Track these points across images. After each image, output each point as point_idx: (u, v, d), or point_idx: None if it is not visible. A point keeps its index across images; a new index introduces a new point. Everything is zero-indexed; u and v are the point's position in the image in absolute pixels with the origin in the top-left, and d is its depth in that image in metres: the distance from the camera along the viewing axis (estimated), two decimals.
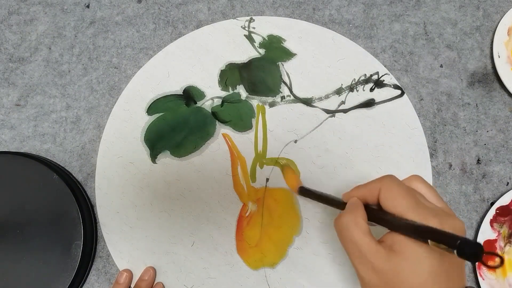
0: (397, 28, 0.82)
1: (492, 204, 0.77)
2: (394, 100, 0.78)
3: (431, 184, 0.77)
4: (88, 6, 0.83)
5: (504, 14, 0.80)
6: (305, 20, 0.82)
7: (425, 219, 0.49)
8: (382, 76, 0.79)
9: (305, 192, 0.72)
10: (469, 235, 0.77)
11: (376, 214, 0.55)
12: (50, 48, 0.82)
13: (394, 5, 0.83)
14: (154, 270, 0.76)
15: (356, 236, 0.52)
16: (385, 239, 0.52)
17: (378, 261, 0.50)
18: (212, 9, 0.83)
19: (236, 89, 0.79)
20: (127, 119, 0.79)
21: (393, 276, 0.48)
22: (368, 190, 0.56)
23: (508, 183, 0.78)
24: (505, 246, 0.76)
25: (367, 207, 0.56)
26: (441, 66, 0.81)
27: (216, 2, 0.83)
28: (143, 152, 0.78)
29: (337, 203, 0.62)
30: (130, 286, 0.75)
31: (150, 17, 0.83)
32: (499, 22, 0.80)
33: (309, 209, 0.76)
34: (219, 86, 0.79)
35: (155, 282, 0.75)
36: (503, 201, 0.76)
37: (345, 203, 0.58)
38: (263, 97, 0.79)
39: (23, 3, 0.83)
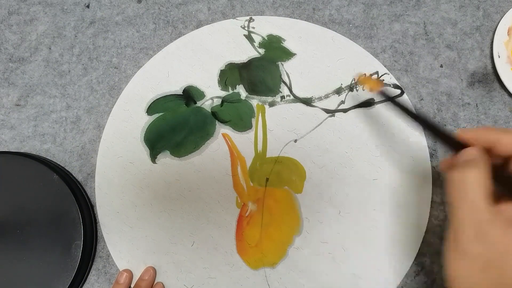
0: (397, 28, 0.82)
1: None
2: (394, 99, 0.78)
3: (431, 184, 0.77)
4: (88, 6, 0.83)
5: (504, 14, 0.80)
6: (305, 20, 0.82)
7: None
8: (382, 75, 0.79)
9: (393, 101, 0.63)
10: None
11: (504, 175, 0.49)
12: (50, 48, 0.82)
13: (394, 5, 0.83)
14: (154, 270, 0.75)
15: (476, 196, 0.45)
16: (505, 210, 0.47)
17: (496, 231, 0.44)
18: (212, 9, 0.83)
19: (235, 89, 0.79)
20: (127, 119, 0.79)
21: (503, 254, 0.43)
22: (508, 139, 0.48)
23: None
24: None
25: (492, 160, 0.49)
26: (441, 66, 0.81)
27: (216, 2, 0.83)
28: (143, 152, 0.78)
29: (444, 136, 0.55)
30: (130, 286, 0.75)
31: (150, 17, 0.83)
32: (499, 22, 0.80)
33: (309, 209, 0.76)
34: (219, 86, 0.79)
35: (155, 282, 0.75)
36: None
37: (456, 142, 0.52)
38: (263, 97, 0.79)
39: (23, 3, 0.83)
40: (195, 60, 0.80)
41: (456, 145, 0.52)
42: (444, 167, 0.54)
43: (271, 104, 0.79)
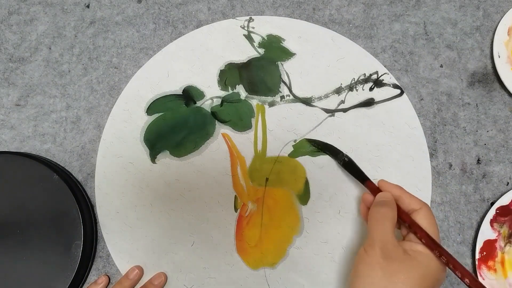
0: (397, 28, 0.82)
1: (492, 204, 0.77)
2: (394, 99, 0.78)
3: (431, 184, 0.77)
4: (88, 6, 0.83)
5: (504, 14, 0.80)
6: (305, 20, 0.82)
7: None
8: (382, 75, 0.79)
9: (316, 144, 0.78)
10: (469, 235, 0.77)
11: (404, 217, 0.64)
12: (50, 48, 0.82)
13: (394, 5, 0.83)
14: (166, 277, 0.76)
15: (388, 226, 0.61)
16: (402, 244, 0.61)
17: (397, 252, 0.59)
18: (212, 9, 0.83)
19: (235, 88, 0.79)
20: (127, 119, 0.79)
21: (399, 272, 0.57)
22: (408, 200, 0.65)
23: (508, 183, 0.78)
24: (505, 246, 0.75)
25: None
26: (441, 66, 0.81)
27: (216, 2, 0.83)
28: (143, 152, 0.78)
29: (361, 177, 0.73)
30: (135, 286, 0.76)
31: (150, 17, 0.83)
32: (499, 22, 0.80)
33: (309, 209, 0.76)
34: (219, 86, 0.79)
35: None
36: (503, 201, 0.75)
37: (373, 185, 0.71)
38: (263, 97, 0.79)
39: (23, 3, 0.83)
40: (195, 60, 0.80)
41: (375, 190, 0.70)
42: (365, 200, 0.71)
43: (271, 104, 0.79)
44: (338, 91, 0.79)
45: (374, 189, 0.70)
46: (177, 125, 0.78)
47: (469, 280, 0.56)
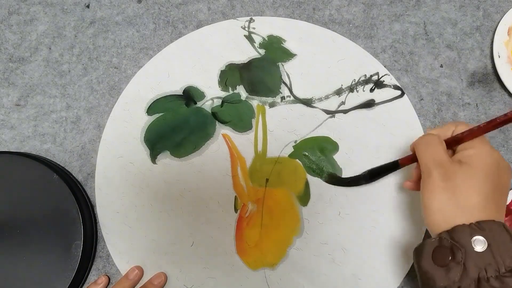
0: (397, 28, 0.82)
1: None
2: (394, 100, 0.78)
3: None
4: (88, 6, 0.83)
5: (504, 14, 0.80)
6: (305, 20, 0.82)
7: None
8: (382, 76, 0.79)
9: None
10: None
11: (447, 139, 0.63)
12: (50, 48, 0.82)
13: (394, 5, 0.83)
14: (166, 277, 0.76)
15: (438, 147, 0.61)
16: (455, 157, 0.61)
17: (454, 167, 0.58)
18: (212, 9, 0.83)
19: (236, 89, 0.79)
20: (127, 119, 0.79)
21: (463, 185, 0.57)
22: (444, 129, 0.64)
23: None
24: None
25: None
26: (441, 66, 0.81)
27: (216, 2, 0.83)
28: (143, 152, 0.78)
29: (392, 166, 0.72)
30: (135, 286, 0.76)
31: (150, 17, 0.83)
32: (499, 22, 0.80)
33: (309, 210, 0.76)
34: (219, 87, 0.79)
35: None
36: None
37: (405, 158, 0.69)
38: (263, 98, 0.79)
39: (23, 3, 0.83)
40: (195, 61, 0.80)
41: (412, 159, 0.68)
42: (408, 185, 0.69)
43: (271, 105, 0.79)
44: (338, 92, 0.79)
45: (411, 159, 0.68)
46: (177, 126, 0.78)
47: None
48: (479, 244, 0.52)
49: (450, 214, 0.56)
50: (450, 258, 0.54)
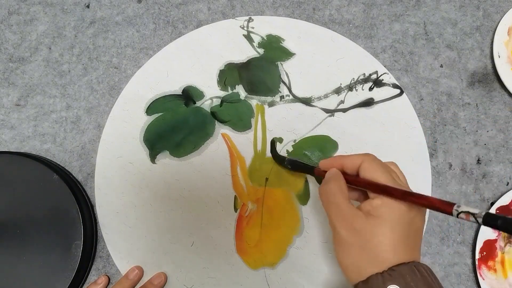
0: (397, 28, 0.82)
1: (492, 204, 0.77)
2: (393, 99, 0.78)
3: (430, 184, 0.77)
4: (88, 6, 0.83)
5: (504, 14, 0.80)
6: (305, 20, 0.82)
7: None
8: (381, 75, 0.79)
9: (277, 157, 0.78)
10: (469, 235, 0.77)
11: (352, 179, 0.62)
12: (50, 48, 0.82)
13: (394, 5, 0.83)
14: (166, 277, 0.76)
15: (339, 200, 0.59)
16: (363, 206, 0.59)
17: (358, 221, 0.57)
18: (212, 9, 0.83)
19: (235, 89, 0.79)
20: (127, 119, 0.79)
21: (370, 236, 0.56)
22: (349, 161, 0.63)
23: (508, 183, 0.78)
24: (505, 246, 0.76)
25: (344, 174, 0.63)
26: (441, 66, 0.81)
27: (216, 2, 0.83)
28: (143, 152, 0.78)
29: (309, 169, 0.71)
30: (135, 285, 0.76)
31: (150, 17, 0.83)
32: (499, 22, 0.80)
33: (308, 209, 0.76)
34: (218, 86, 0.79)
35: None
36: (503, 201, 0.76)
37: (319, 170, 0.67)
38: (262, 97, 0.79)
39: (23, 3, 0.83)
40: (195, 60, 0.80)
41: (312, 170, 0.69)
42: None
43: (271, 104, 0.79)
44: (337, 91, 0.79)
45: (323, 175, 0.66)
46: (176, 125, 0.78)
47: (432, 202, 0.54)
48: None
49: (363, 265, 0.56)
50: None
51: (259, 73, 0.79)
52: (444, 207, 0.53)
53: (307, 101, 0.79)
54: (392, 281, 0.53)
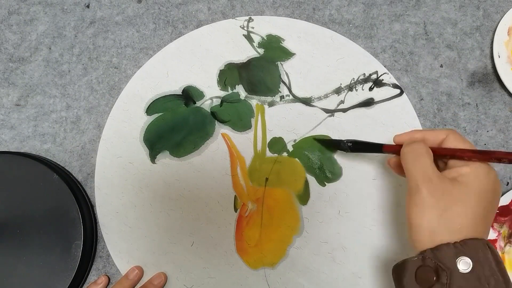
0: (397, 28, 0.82)
1: None
2: (393, 99, 0.78)
3: None
4: (88, 6, 0.83)
5: (504, 14, 0.80)
6: (305, 20, 0.82)
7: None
8: (381, 75, 0.79)
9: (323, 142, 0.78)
10: None
11: (439, 149, 0.60)
12: (50, 48, 0.82)
13: (394, 5, 0.83)
14: (166, 277, 0.76)
15: (427, 160, 0.57)
16: (446, 173, 0.58)
17: (445, 185, 0.56)
18: (212, 9, 0.83)
19: (235, 88, 0.79)
20: (126, 119, 0.79)
21: (453, 203, 0.55)
22: (433, 134, 0.62)
23: (508, 183, 0.78)
24: (505, 246, 0.75)
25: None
26: (441, 66, 0.81)
27: (216, 2, 0.83)
28: (143, 152, 0.78)
29: (375, 147, 0.69)
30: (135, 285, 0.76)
31: (150, 17, 0.83)
32: (499, 22, 0.80)
33: (308, 209, 0.76)
34: (218, 86, 0.79)
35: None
36: (503, 201, 0.76)
37: (391, 145, 0.66)
38: (262, 97, 0.79)
39: (23, 3, 0.83)
40: (195, 60, 0.80)
41: (398, 149, 0.64)
42: (391, 163, 0.68)
43: (271, 104, 0.79)
44: (337, 91, 0.79)
45: (397, 149, 0.64)
46: (176, 125, 0.78)
47: None
48: (465, 265, 0.52)
49: (438, 232, 0.54)
50: (434, 279, 0.53)
51: (259, 73, 0.79)
52: None
53: (307, 101, 0.79)
54: (465, 253, 0.52)
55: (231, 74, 0.79)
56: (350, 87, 0.79)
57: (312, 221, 0.76)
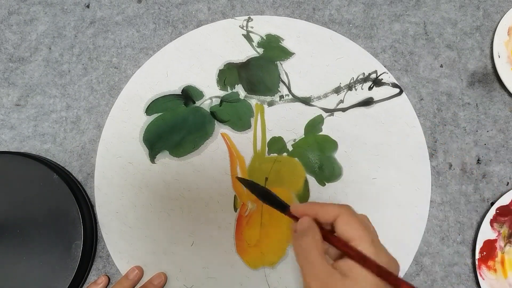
0: (397, 28, 0.82)
1: (492, 204, 0.77)
2: (393, 98, 0.78)
3: (430, 184, 0.77)
4: (88, 6, 0.83)
5: (504, 14, 0.80)
6: (305, 20, 0.82)
7: (377, 255, 0.53)
8: (381, 74, 0.79)
9: (243, 181, 0.69)
10: (469, 235, 0.77)
11: (329, 236, 0.56)
12: (50, 48, 0.82)
13: (394, 5, 0.83)
14: (166, 277, 0.76)
15: (314, 257, 0.54)
16: (340, 265, 0.54)
17: (333, 283, 0.52)
18: (212, 9, 0.83)
19: (234, 88, 0.79)
20: (126, 119, 0.79)
21: None
22: (325, 212, 0.57)
23: (508, 183, 0.78)
24: (505, 246, 0.75)
25: (320, 227, 0.57)
26: (441, 66, 0.81)
27: (216, 2, 0.83)
28: (142, 152, 0.78)
29: (281, 206, 0.62)
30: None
31: (150, 17, 0.83)
32: (499, 22, 0.80)
33: None
34: (218, 86, 0.79)
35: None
36: (503, 201, 0.75)
37: (288, 210, 0.61)
38: (262, 97, 0.79)
39: (23, 3, 0.83)
40: (194, 60, 0.80)
41: (286, 209, 0.61)
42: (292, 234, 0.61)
43: (270, 104, 0.79)
44: (337, 90, 0.79)
45: (295, 218, 0.61)
46: (176, 125, 0.78)
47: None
48: None
49: None
50: None
51: (259, 73, 0.79)
52: None
53: (306, 101, 0.79)
54: None
55: (230, 73, 0.80)
56: (350, 87, 0.79)
57: None
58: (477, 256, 0.75)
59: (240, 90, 0.79)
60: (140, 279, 0.76)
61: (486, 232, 0.75)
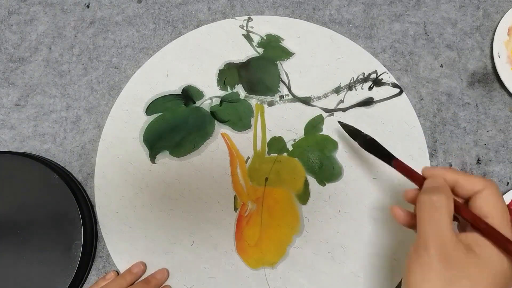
0: (397, 28, 0.82)
1: None
2: (393, 98, 0.78)
3: None
4: (88, 6, 0.83)
5: (504, 14, 0.80)
6: (305, 20, 0.82)
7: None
8: (381, 74, 0.79)
9: (345, 126, 0.73)
10: None
11: (459, 206, 0.52)
12: (50, 48, 0.82)
13: (394, 5, 0.83)
14: (168, 273, 0.76)
15: (444, 219, 0.49)
16: (466, 238, 0.50)
17: (457, 253, 0.48)
18: (212, 9, 0.83)
19: (234, 88, 0.79)
20: (126, 119, 0.79)
21: (463, 276, 0.47)
22: (468, 182, 0.53)
23: (508, 183, 0.78)
24: None
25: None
26: (441, 66, 0.81)
27: (216, 2, 0.83)
28: (142, 152, 0.78)
29: (386, 156, 0.63)
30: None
31: (150, 17, 0.83)
32: (499, 22, 0.80)
33: (308, 208, 0.76)
34: (218, 86, 0.79)
35: (164, 285, 0.76)
36: None
37: (394, 162, 0.61)
38: (262, 97, 0.79)
39: (23, 3, 0.83)
40: (194, 60, 0.80)
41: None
42: (408, 198, 0.59)
43: (270, 104, 0.79)
44: (337, 90, 0.79)
45: (406, 173, 0.60)
46: (176, 125, 0.78)
47: None
48: None
49: None
50: None
51: (259, 73, 0.79)
52: None
53: (306, 101, 0.79)
54: None
55: (230, 73, 0.80)
56: (350, 87, 0.79)
57: (312, 221, 0.76)
58: None
59: (240, 90, 0.79)
60: (142, 274, 0.76)
61: None
